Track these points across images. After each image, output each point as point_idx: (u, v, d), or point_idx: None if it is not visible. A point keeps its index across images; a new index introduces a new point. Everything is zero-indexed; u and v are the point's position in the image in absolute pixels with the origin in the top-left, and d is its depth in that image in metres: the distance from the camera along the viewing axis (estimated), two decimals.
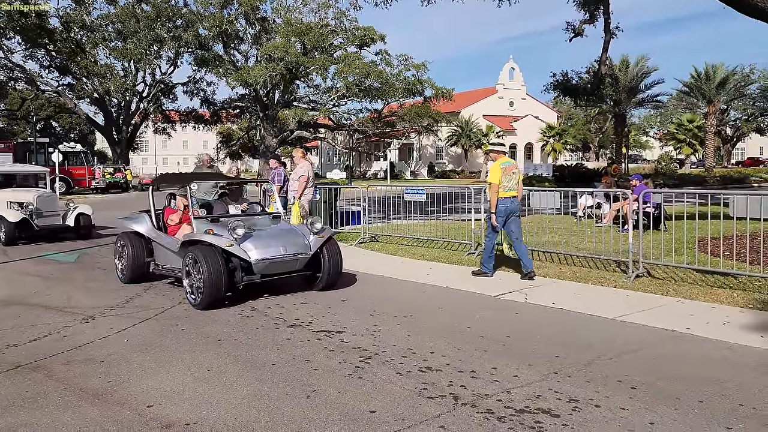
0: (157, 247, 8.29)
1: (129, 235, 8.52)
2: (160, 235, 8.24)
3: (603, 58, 21.79)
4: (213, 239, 6.95)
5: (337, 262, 7.70)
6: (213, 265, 6.62)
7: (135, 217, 8.80)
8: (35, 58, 43.35)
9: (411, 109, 46.10)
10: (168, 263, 8.00)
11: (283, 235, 7.52)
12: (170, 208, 8.47)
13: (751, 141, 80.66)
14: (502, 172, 8.20)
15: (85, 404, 4.18)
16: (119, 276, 8.58)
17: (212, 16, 39.72)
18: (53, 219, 13.44)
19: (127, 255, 8.33)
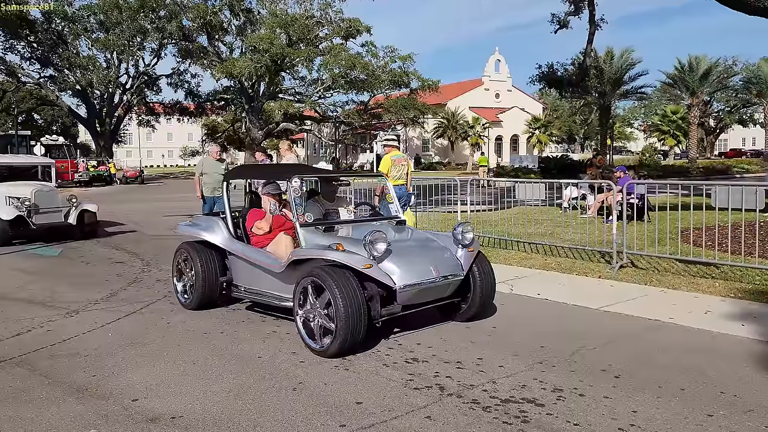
0: (236, 263, 6.32)
1: (196, 246, 6.56)
2: (245, 247, 6.20)
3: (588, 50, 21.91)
4: (345, 258, 4.98)
5: (491, 284, 5.80)
6: (350, 296, 4.70)
7: (204, 222, 6.79)
8: (15, 49, 42.74)
9: (397, 101, 46.03)
10: (255, 285, 6.05)
11: (427, 251, 5.62)
12: (255, 211, 6.37)
13: (733, 132, 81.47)
14: (392, 164, 9.59)
15: (70, 399, 4.15)
16: (181, 300, 6.66)
17: (196, 7, 39.35)
18: (53, 216, 12.08)
19: (195, 273, 6.38)
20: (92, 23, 42.60)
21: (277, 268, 5.57)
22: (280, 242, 5.90)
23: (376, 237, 5.09)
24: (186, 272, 6.61)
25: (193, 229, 6.82)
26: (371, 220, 6.29)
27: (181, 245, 6.75)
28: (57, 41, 41.97)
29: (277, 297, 5.73)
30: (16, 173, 12.98)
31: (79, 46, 43.64)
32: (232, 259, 6.37)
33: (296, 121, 48.31)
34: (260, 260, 5.87)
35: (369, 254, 5.05)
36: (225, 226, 6.43)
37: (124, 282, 8.09)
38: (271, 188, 6.32)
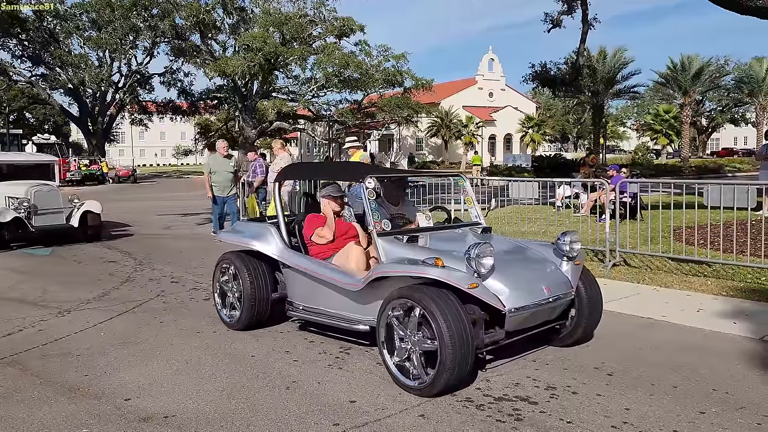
0: (292, 277, 5.43)
1: (243, 257, 5.66)
2: (306, 260, 5.28)
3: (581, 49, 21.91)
4: (447, 276, 4.07)
5: (599, 304, 4.98)
6: (457, 323, 3.88)
7: (252, 229, 5.86)
8: (7, 47, 42.46)
9: (391, 100, 45.95)
10: (317, 303, 5.18)
11: (532, 265, 4.80)
12: (314, 217, 5.50)
13: (725, 132, 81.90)
14: None
15: (62, 398, 4.13)
16: (225, 319, 5.75)
17: (189, 5, 39.12)
18: (54, 218, 11.33)
19: (242, 288, 5.49)
20: (84, 21, 42.33)
21: (352, 285, 4.67)
22: (350, 254, 5.04)
23: (484, 250, 4.24)
24: (230, 287, 5.73)
25: (239, 237, 5.88)
26: (452, 227, 5.44)
27: (224, 256, 5.85)
28: (49, 39, 41.70)
29: (348, 318, 4.86)
30: (17, 172, 12.20)
31: (71, 44, 43.36)
32: (287, 273, 5.48)
33: (290, 120, 48.16)
34: (328, 275, 4.93)
35: (473, 271, 4.23)
36: (278, 234, 5.51)
37: (117, 281, 8.05)
38: (332, 190, 5.45)
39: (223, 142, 12.02)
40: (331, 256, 5.21)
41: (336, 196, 5.44)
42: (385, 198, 5.68)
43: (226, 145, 11.80)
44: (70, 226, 11.48)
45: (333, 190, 5.48)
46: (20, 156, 15.02)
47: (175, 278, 8.17)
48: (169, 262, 9.38)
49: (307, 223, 5.46)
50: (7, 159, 12.89)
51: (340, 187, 5.67)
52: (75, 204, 11.77)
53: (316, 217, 5.48)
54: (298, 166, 8.62)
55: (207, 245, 11.23)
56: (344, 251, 5.14)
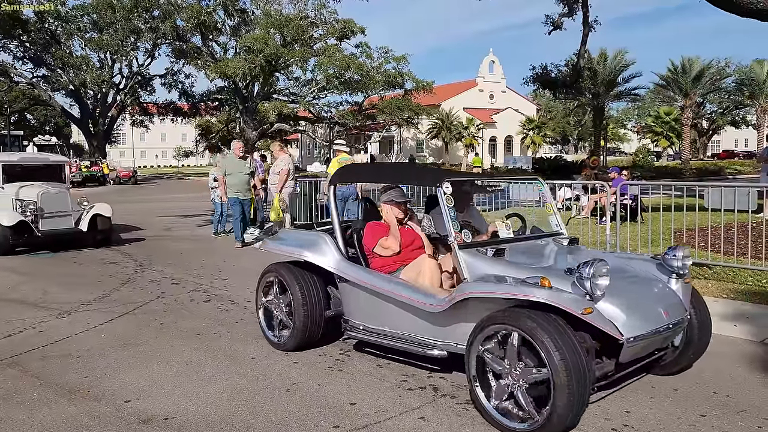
0: (351, 293, 4.80)
1: (292, 269, 5.07)
2: (371, 274, 4.66)
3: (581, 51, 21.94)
4: (558, 299, 3.47)
5: (708, 324, 4.39)
6: (571, 354, 3.32)
7: (304, 237, 5.24)
8: (8, 49, 42.52)
9: (391, 101, 45.98)
10: (382, 323, 4.58)
11: (643, 285, 4.14)
12: (376, 225, 4.93)
13: (726, 134, 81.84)
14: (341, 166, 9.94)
15: (62, 400, 4.13)
16: (272, 339, 5.19)
17: (190, 7, 39.16)
18: (62, 221, 10.79)
19: (294, 304, 4.90)
20: (85, 23, 42.39)
21: (432, 306, 4.08)
22: (424, 268, 4.45)
23: (599, 269, 3.59)
24: (277, 303, 5.17)
25: (288, 246, 5.25)
26: (533, 237, 4.77)
27: (269, 267, 5.27)
28: (50, 41, 41.75)
29: (420, 342, 4.28)
30: (27, 173, 11.61)
31: (72, 45, 43.42)
32: (343, 288, 4.86)
33: (290, 122, 48.20)
34: (400, 293, 4.33)
35: (585, 292, 3.59)
36: (334, 244, 4.90)
37: (117, 283, 8.05)
38: (395, 195, 4.89)
39: (239, 143, 11.59)
40: (396, 269, 4.66)
41: (400, 202, 4.88)
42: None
43: (241, 146, 11.34)
44: (78, 231, 10.99)
45: (396, 195, 4.89)
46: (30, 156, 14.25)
47: (175, 280, 8.17)
48: (169, 264, 9.38)
49: (368, 232, 4.86)
50: (17, 159, 12.27)
51: (404, 191, 5.05)
52: (84, 207, 11.28)
53: (378, 225, 4.90)
54: (355, 168, 7.48)
55: (207, 247, 11.24)
56: (415, 265, 4.54)
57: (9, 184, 11.11)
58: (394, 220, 4.85)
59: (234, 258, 9.94)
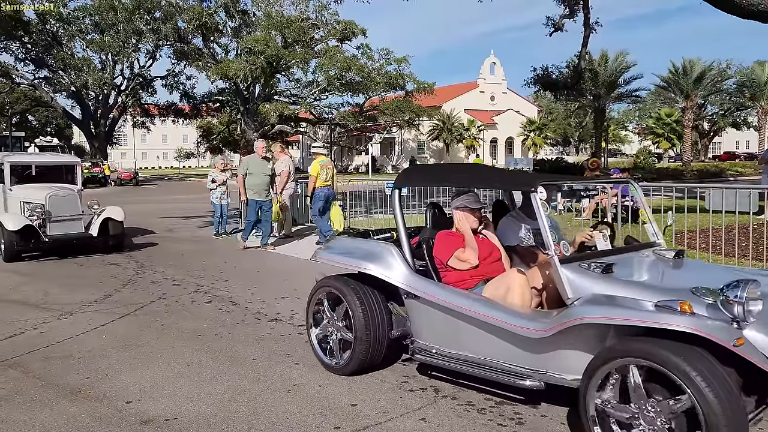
0: (421, 311, 4.24)
1: (352, 283, 4.49)
2: (447, 290, 4.12)
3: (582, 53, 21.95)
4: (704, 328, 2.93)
5: None
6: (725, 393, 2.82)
7: (361, 247, 4.70)
8: (10, 50, 42.59)
9: (392, 103, 46.05)
10: (462, 347, 4.02)
11: None
12: (448, 234, 4.41)
13: (727, 135, 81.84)
14: (321, 168, 10.47)
15: (63, 401, 4.13)
16: (327, 361, 4.63)
17: (192, 8, 39.23)
18: (71, 225, 10.18)
19: (355, 323, 4.33)
20: (87, 24, 42.46)
21: (532, 330, 3.52)
22: (513, 285, 3.88)
23: (753, 291, 3.05)
24: (332, 320, 4.61)
25: (347, 257, 4.65)
26: (631, 249, 4.24)
27: (324, 281, 4.70)
28: (51, 42, 41.82)
29: (511, 370, 3.73)
30: (38, 174, 11.12)
31: (74, 47, 43.48)
32: (412, 305, 4.29)
33: (291, 123, 48.24)
34: (489, 314, 3.76)
35: (735, 318, 3.04)
36: (401, 255, 4.34)
37: (118, 284, 8.06)
38: (470, 200, 4.39)
39: (262, 142, 11.12)
40: (475, 285, 4.16)
41: (475, 209, 4.37)
42: (521, 210, 4.72)
43: (264, 146, 10.93)
44: (88, 236, 10.35)
45: (470, 200, 4.39)
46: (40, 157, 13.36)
47: (176, 281, 8.18)
48: (170, 265, 9.39)
49: (441, 243, 4.33)
50: (26, 160, 11.68)
51: (479, 196, 4.54)
52: (95, 210, 10.67)
53: (451, 234, 4.38)
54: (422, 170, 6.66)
55: (208, 248, 11.24)
56: (502, 281, 3.97)
57: (18, 185, 10.65)
58: (468, 229, 4.32)
59: (235, 259, 9.95)
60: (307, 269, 9.04)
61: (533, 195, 3.78)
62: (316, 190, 10.45)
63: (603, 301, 3.33)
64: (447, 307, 4.01)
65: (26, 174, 11.01)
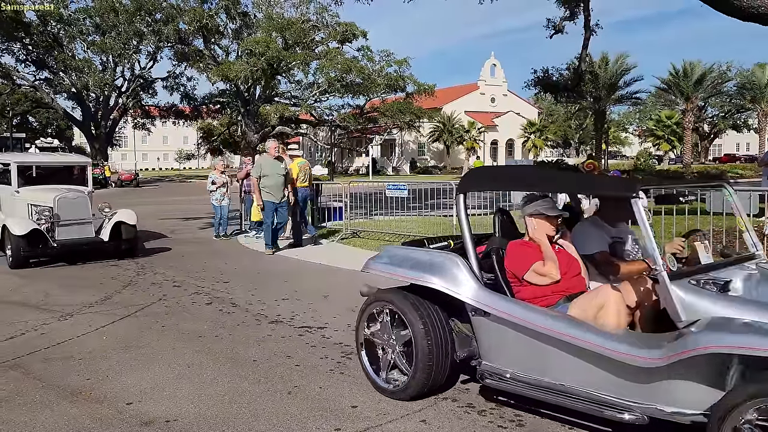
0: (493, 330, 3.78)
1: (411, 297, 4.03)
2: (528, 308, 3.64)
3: (583, 55, 21.95)
4: None
5: None
6: None
7: (423, 258, 4.15)
8: (11, 51, 42.65)
9: (393, 105, 46.12)
10: (545, 373, 3.55)
11: None
12: (523, 245, 3.98)
13: (727, 138, 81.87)
14: (300, 170, 11.05)
15: (64, 402, 4.13)
16: (382, 385, 4.15)
17: (193, 10, 39.33)
18: (81, 230, 9.66)
19: (415, 343, 3.89)
20: (88, 26, 42.54)
21: (641, 358, 3.07)
22: (608, 303, 3.44)
23: None
24: (388, 339, 4.15)
25: (405, 269, 4.14)
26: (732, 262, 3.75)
27: (378, 295, 4.26)
28: (52, 44, 41.89)
29: (608, 402, 3.27)
30: (47, 175, 10.59)
31: (74, 48, 43.58)
32: (480, 323, 3.83)
33: (292, 125, 48.37)
34: (583, 337, 3.28)
35: None
36: (467, 267, 3.87)
37: (119, 285, 8.06)
38: (546, 206, 3.92)
39: (274, 142, 10.89)
40: (556, 302, 3.73)
41: (551, 216, 3.91)
42: (602, 216, 4.18)
43: (277, 146, 10.60)
44: (99, 240, 9.82)
45: (547, 206, 3.93)
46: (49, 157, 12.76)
47: (177, 282, 8.18)
48: (170, 267, 9.39)
49: (514, 254, 3.91)
50: (34, 160, 11.07)
51: (555, 202, 4.14)
52: (106, 214, 10.14)
53: (525, 245, 3.95)
54: (492, 173, 5.80)
55: (209, 249, 11.24)
56: (592, 299, 3.54)
57: (25, 187, 10.14)
58: (545, 239, 3.88)
59: (236, 261, 9.95)
60: (308, 271, 9.06)
61: (634, 201, 3.27)
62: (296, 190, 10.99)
63: (730, 327, 2.90)
64: (526, 326, 3.52)
65: (34, 175, 10.50)
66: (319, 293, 7.38)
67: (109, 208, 10.29)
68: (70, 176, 10.82)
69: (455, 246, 4.48)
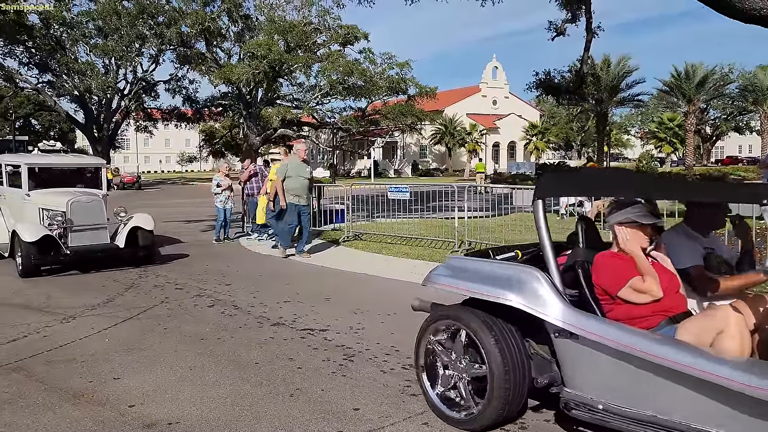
0: (583, 355, 3.28)
1: (482, 316, 3.60)
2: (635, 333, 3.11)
3: (585, 57, 21.96)
4: None
5: None
6: None
7: (496, 271, 3.68)
8: (14, 54, 42.76)
9: (395, 107, 46.13)
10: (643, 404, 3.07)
11: None
12: (613, 257, 3.50)
13: (730, 140, 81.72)
14: None
15: (66, 404, 4.14)
16: (451, 414, 3.72)
17: (195, 13, 39.37)
18: (95, 236, 9.15)
19: (490, 368, 3.46)
20: (90, 29, 42.62)
21: None
22: (729, 328, 2.99)
23: None
24: (455, 362, 3.74)
25: (477, 284, 3.65)
26: None
27: (442, 312, 3.90)
28: (55, 47, 41.97)
29: None
30: (59, 177, 10.11)
31: (77, 51, 43.64)
32: (566, 347, 3.33)
33: (294, 127, 48.35)
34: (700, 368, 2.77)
35: None
36: (550, 282, 3.41)
37: (121, 287, 8.07)
38: (639, 214, 3.43)
39: (304, 144, 10.86)
40: (657, 324, 3.27)
41: (645, 224, 3.44)
42: (691, 225, 3.88)
43: (305, 148, 10.56)
44: (114, 247, 9.26)
45: (640, 213, 3.44)
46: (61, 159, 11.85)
47: (179, 285, 8.19)
48: (173, 269, 9.39)
49: (605, 268, 3.44)
50: (45, 162, 10.44)
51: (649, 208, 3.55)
52: (121, 219, 9.64)
53: (616, 257, 3.47)
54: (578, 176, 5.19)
55: (211, 252, 11.25)
56: (708, 322, 3.09)
57: (36, 190, 9.61)
58: (639, 251, 3.40)
59: (238, 263, 9.96)
60: (310, 273, 9.06)
61: (764, 209, 2.82)
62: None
63: None
64: (626, 352, 3.02)
65: (45, 178, 9.92)
66: (320, 296, 7.38)
67: (124, 213, 9.82)
68: (83, 178, 10.31)
69: (523, 257, 4.08)
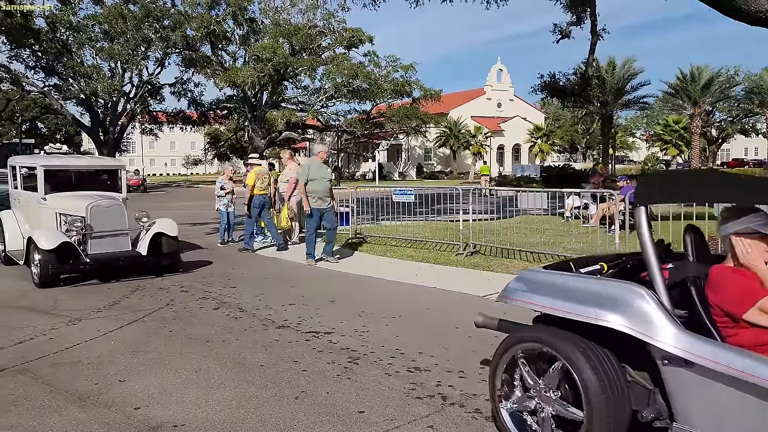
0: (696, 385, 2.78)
1: (576, 340, 3.12)
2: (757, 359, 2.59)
3: (590, 59, 21.92)
4: None
5: None
6: None
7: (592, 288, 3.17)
8: (20, 58, 43.00)
9: (399, 110, 46.17)
10: None
11: None
12: (733, 272, 3.00)
13: (736, 142, 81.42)
14: (257, 177, 11.25)
15: (72, 406, 4.15)
16: None
17: (200, 16, 39.54)
18: (116, 242, 8.61)
19: (588, 402, 2.98)
20: (97, 33, 42.82)
21: None
22: None
23: None
24: (539, 390, 3.29)
25: (567, 302, 3.18)
26: None
27: (525, 335, 3.45)
28: (61, 50, 42.16)
29: None
30: (78, 180, 9.65)
31: (83, 55, 43.84)
32: (676, 375, 2.87)
33: (298, 130, 48.43)
34: None
35: None
36: (657, 302, 2.94)
37: (127, 290, 8.09)
38: (760, 222, 2.99)
39: (324, 147, 10.67)
40: None
41: (765, 233, 2.97)
42: None
43: (326, 151, 10.45)
44: (136, 254, 8.72)
45: (761, 222, 2.99)
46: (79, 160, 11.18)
47: (184, 287, 8.20)
48: (178, 271, 9.40)
49: (726, 286, 2.97)
50: (62, 164, 9.86)
51: None
52: (143, 224, 9.14)
53: (738, 273, 2.99)
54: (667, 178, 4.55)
55: (216, 254, 11.27)
56: None
57: (53, 194, 9.14)
58: (764, 266, 2.97)
59: (243, 266, 9.97)
60: (314, 276, 9.06)
61: None
62: (253, 197, 11.32)
63: None
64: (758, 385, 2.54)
65: (61, 181, 9.43)
66: (325, 298, 7.39)
67: (147, 218, 9.29)
68: (102, 182, 9.76)
69: (609, 270, 3.58)
